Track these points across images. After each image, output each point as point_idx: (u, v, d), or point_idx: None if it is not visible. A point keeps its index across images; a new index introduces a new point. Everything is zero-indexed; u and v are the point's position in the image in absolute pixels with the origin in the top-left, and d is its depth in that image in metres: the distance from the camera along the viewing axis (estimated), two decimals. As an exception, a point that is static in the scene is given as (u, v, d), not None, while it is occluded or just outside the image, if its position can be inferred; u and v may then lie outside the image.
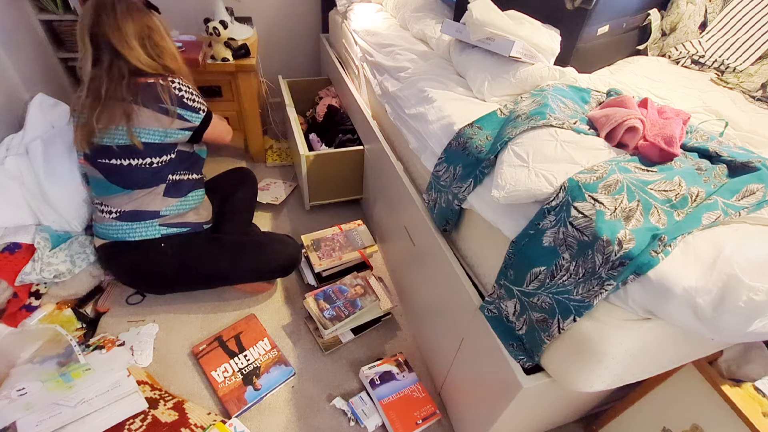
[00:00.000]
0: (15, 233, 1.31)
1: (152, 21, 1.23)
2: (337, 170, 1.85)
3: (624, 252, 0.64)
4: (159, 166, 1.28)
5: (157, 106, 1.21)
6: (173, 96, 1.23)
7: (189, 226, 1.38)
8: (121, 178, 1.26)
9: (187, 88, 1.29)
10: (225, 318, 1.47)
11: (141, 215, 1.29)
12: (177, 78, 1.27)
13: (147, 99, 1.19)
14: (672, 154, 0.79)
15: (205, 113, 1.33)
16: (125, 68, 1.17)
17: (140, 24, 1.19)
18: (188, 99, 1.27)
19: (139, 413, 1.11)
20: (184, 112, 1.26)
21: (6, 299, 1.30)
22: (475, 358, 1.03)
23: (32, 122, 1.46)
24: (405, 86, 1.34)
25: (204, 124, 1.34)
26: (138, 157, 1.24)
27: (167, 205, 1.32)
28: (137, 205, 1.29)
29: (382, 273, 1.70)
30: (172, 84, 1.23)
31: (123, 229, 1.29)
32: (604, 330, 0.70)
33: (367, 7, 2.02)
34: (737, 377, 0.87)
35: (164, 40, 1.26)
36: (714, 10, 1.51)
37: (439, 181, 1.10)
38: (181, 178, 1.35)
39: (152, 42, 1.22)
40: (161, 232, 1.32)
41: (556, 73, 1.12)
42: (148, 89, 1.20)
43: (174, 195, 1.34)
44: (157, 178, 1.29)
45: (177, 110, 1.24)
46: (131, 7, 1.19)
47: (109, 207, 1.29)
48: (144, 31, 1.20)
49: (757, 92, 1.25)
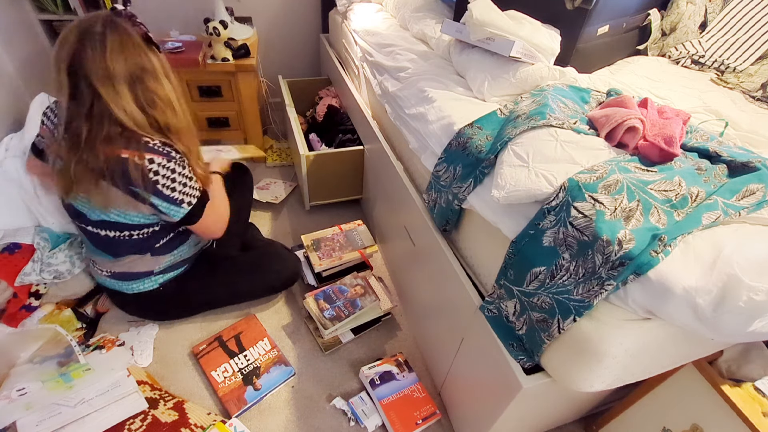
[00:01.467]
0: (15, 234, 1.31)
1: (149, 60, 0.97)
2: (337, 170, 1.85)
3: (624, 252, 0.64)
4: (140, 237, 1.13)
5: (127, 188, 0.99)
6: (147, 180, 0.98)
7: (186, 263, 1.32)
8: (101, 245, 1.14)
9: (169, 170, 1.00)
10: (225, 318, 1.47)
11: (134, 276, 1.23)
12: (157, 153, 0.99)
13: (116, 176, 0.97)
14: (672, 154, 0.79)
15: (191, 206, 1.08)
16: (107, 117, 0.94)
17: (134, 64, 0.94)
18: (165, 186, 1.00)
19: (139, 413, 1.11)
20: (159, 202, 1.02)
21: (6, 299, 1.30)
22: (475, 358, 1.03)
23: (32, 122, 1.46)
24: (405, 86, 1.34)
25: (190, 217, 1.10)
26: (115, 230, 1.09)
27: (159, 264, 1.23)
28: (127, 268, 1.21)
29: (382, 273, 1.70)
30: (148, 162, 0.97)
31: (118, 285, 1.25)
32: (604, 330, 0.70)
33: (367, 7, 2.02)
34: (737, 377, 0.87)
35: (160, 84, 0.99)
36: (714, 10, 1.52)
37: (439, 181, 1.10)
38: (168, 239, 1.20)
39: (144, 87, 0.96)
40: (159, 282, 1.27)
41: (556, 73, 1.12)
42: (118, 165, 0.96)
43: (165, 253, 1.22)
44: (141, 247, 1.16)
45: (150, 198, 1.01)
46: (126, 42, 0.93)
47: (98, 266, 1.23)
48: (136, 72, 0.95)
49: (757, 92, 1.25)
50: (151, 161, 0.98)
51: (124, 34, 0.94)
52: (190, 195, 1.08)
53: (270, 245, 1.61)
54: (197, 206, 1.11)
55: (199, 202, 1.12)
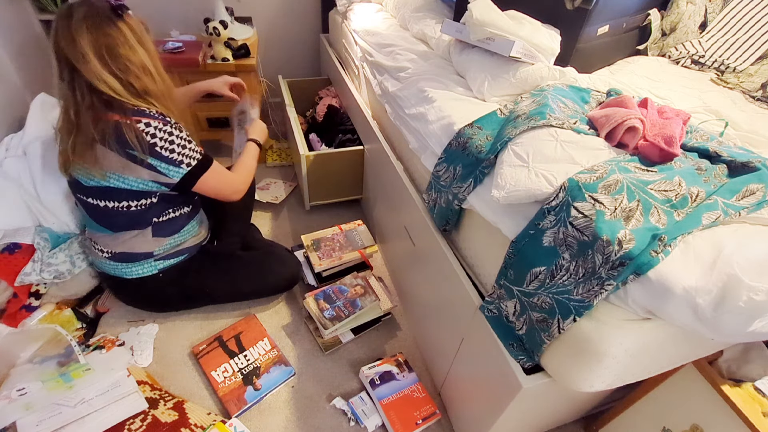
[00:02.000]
0: (15, 234, 1.31)
1: (116, 29, 1.01)
2: (337, 170, 1.85)
3: (624, 252, 0.64)
4: (138, 209, 1.14)
5: (124, 152, 1.03)
6: (142, 141, 1.03)
7: (187, 252, 1.33)
8: (101, 218, 1.16)
9: (165, 132, 1.06)
10: (225, 318, 1.47)
11: (133, 257, 1.23)
12: (151, 117, 1.05)
13: (112, 141, 1.02)
14: (672, 154, 0.79)
15: (191, 167, 1.12)
16: (85, 87, 1.01)
17: (98, 33, 0.99)
18: (163, 148, 1.05)
19: (139, 413, 1.11)
20: (157, 163, 1.06)
21: (6, 299, 1.30)
22: (475, 358, 1.03)
23: (32, 122, 1.46)
24: (405, 86, 1.34)
25: (191, 177, 1.13)
26: (113, 200, 1.11)
27: (160, 245, 1.24)
28: (127, 248, 1.21)
29: (382, 273, 1.70)
30: (141, 125, 1.03)
31: (118, 268, 1.25)
32: (604, 330, 0.70)
33: (367, 7, 2.02)
34: (737, 377, 0.87)
35: (132, 50, 1.03)
36: (714, 10, 1.51)
37: (439, 181, 1.10)
38: (169, 217, 1.22)
39: (113, 53, 1.01)
40: (158, 267, 1.27)
41: (556, 73, 1.12)
42: (113, 129, 1.02)
43: (166, 234, 1.23)
44: (140, 221, 1.17)
45: (148, 159, 1.05)
46: (89, 15, 0.99)
47: (99, 245, 1.23)
48: (102, 40, 0.99)
49: (757, 92, 1.25)
50: (147, 125, 1.04)
51: (88, 8, 1.00)
52: (190, 156, 1.12)
53: (271, 246, 1.61)
54: (197, 167, 1.14)
55: (200, 164, 1.15)
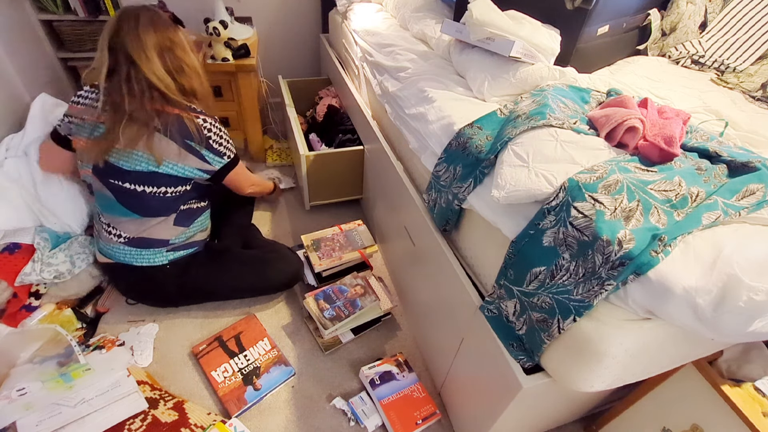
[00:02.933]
0: (15, 234, 1.31)
1: (176, 35, 1.16)
2: (337, 170, 1.85)
3: (624, 252, 0.64)
4: (173, 196, 1.24)
5: (182, 141, 1.16)
6: (201, 133, 1.17)
7: (195, 246, 1.38)
8: (133, 203, 1.21)
9: (218, 129, 1.22)
10: (225, 318, 1.47)
11: (150, 243, 1.27)
12: (206, 115, 1.20)
13: (174, 131, 1.14)
14: (672, 154, 0.79)
15: (229, 159, 1.28)
16: (144, 82, 1.10)
17: (162, 36, 1.12)
18: (215, 142, 1.21)
19: (139, 413, 1.11)
20: (207, 153, 1.21)
21: (6, 299, 1.30)
22: (475, 358, 1.03)
23: (33, 122, 1.46)
24: (405, 86, 1.34)
25: (226, 169, 1.30)
26: (153, 185, 1.19)
27: (177, 234, 1.30)
28: (148, 234, 1.26)
29: (382, 273, 1.70)
30: (200, 120, 1.18)
31: (130, 254, 1.28)
32: (604, 330, 0.70)
33: (367, 7, 2.02)
34: (737, 377, 0.87)
35: (187, 55, 1.19)
36: (714, 10, 1.51)
37: (439, 181, 1.10)
38: (191, 206, 1.32)
39: (173, 55, 1.15)
40: (168, 258, 1.31)
41: (556, 73, 1.12)
42: (176, 120, 1.14)
43: (184, 224, 1.31)
44: (170, 207, 1.26)
45: (202, 150, 1.19)
46: (155, 19, 1.13)
47: (117, 230, 1.26)
48: (165, 43, 1.13)
49: (757, 92, 1.25)
50: (204, 120, 1.19)
51: (154, 14, 1.14)
52: (230, 149, 1.28)
53: (272, 245, 1.62)
54: (234, 160, 1.32)
55: (236, 157, 1.33)
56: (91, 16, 1.96)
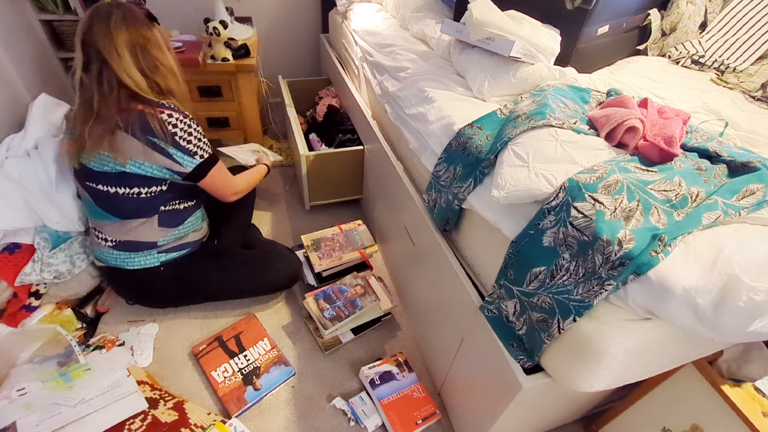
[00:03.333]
0: (15, 234, 1.31)
1: (151, 32, 1.11)
2: (337, 170, 1.85)
3: (624, 252, 0.64)
4: (148, 197, 1.19)
5: (144, 138, 1.09)
6: (165, 129, 1.10)
7: (188, 247, 1.35)
8: (109, 205, 1.19)
9: (186, 125, 1.14)
10: (225, 318, 1.47)
11: (137, 246, 1.25)
12: (173, 110, 1.13)
13: (135, 127, 1.08)
14: (672, 154, 0.79)
15: (203, 159, 1.20)
16: (114, 80, 1.07)
17: (135, 33, 1.08)
18: (182, 139, 1.13)
19: (139, 413, 1.11)
20: (174, 151, 1.13)
21: (6, 299, 1.30)
22: (475, 358, 1.03)
23: (34, 122, 1.46)
24: (405, 86, 1.34)
25: (200, 170, 1.21)
26: (124, 186, 1.15)
27: (165, 236, 1.27)
28: (133, 236, 1.23)
29: (382, 273, 1.70)
30: (165, 116, 1.10)
31: (121, 258, 1.26)
32: (604, 330, 0.70)
33: (367, 7, 2.02)
34: (737, 377, 0.87)
35: (162, 53, 1.14)
36: (714, 10, 1.51)
37: (439, 181, 1.10)
38: (175, 207, 1.27)
39: (146, 53, 1.10)
40: (160, 260, 1.29)
41: (556, 73, 1.12)
42: (137, 117, 1.08)
43: (171, 225, 1.27)
44: (148, 208, 1.21)
45: (168, 148, 1.12)
46: (128, 16, 1.08)
47: (103, 234, 1.24)
48: (138, 40, 1.08)
49: (757, 92, 1.25)
50: (170, 115, 1.12)
51: (127, 11, 1.09)
52: (203, 150, 1.20)
53: (272, 245, 1.61)
54: (208, 161, 1.22)
55: (211, 159, 1.24)
56: (91, 16, 1.96)
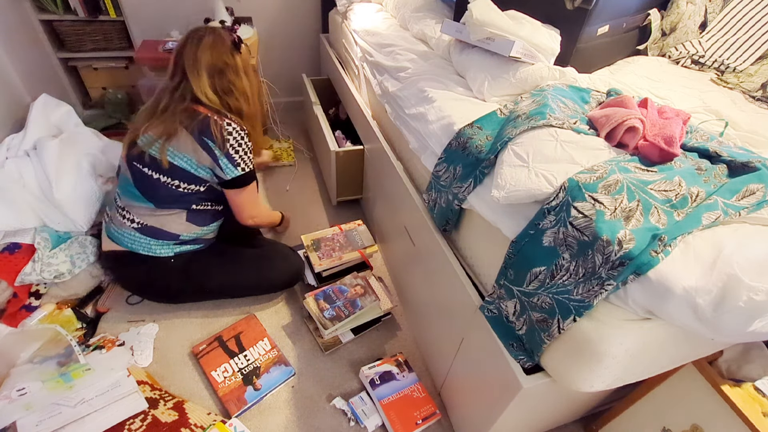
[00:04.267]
0: (15, 234, 1.31)
1: (232, 59, 1.24)
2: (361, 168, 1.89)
3: (624, 252, 0.64)
4: (185, 192, 1.26)
5: (200, 138, 1.19)
6: (222, 136, 1.20)
7: (201, 243, 1.39)
8: (147, 188, 1.25)
9: (240, 136, 1.24)
10: (225, 318, 1.47)
11: (161, 234, 1.29)
12: (233, 121, 1.23)
13: (194, 127, 1.18)
14: (672, 154, 0.79)
15: (243, 172, 1.28)
16: (189, 94, 1.20)
17: (218, 59, 1.21)
18: (232, 147, 1.23)
19: (139, 413, 1.11)
20: (221, 157, 1.22)
21: (6, 299, 1.30)
22: (475, 358, 1.03)
23: (34, 122, 1.46)
24: (405, 86, 1.34)
25: (237, 182, 1.28)
26: (167, 176, 1.23)
27: (189, 231, 1.32)
28: (159, 223, 1.28)
29: (382, 273, 1.70)
30: (227, 124, 1.21)
31: (138, 241, 1.29)
32: (604, 330, 0.70)
33: (367, 7, 2.02)
34: (737, 377, 0.87)
35: (239, 78, 1.26)
36: (714, 10, 1.51)
37: (439, 181, 1.10)
38: (205, 208, 1.34)
39: (224, 77, 1.23)
40: (174, 251, 1.33)
41: (556, 73, 1.12)
42: (201, 119, 1.19)
43: (197, 223, 1.33)
44: (181, 201, 1.28)
45: (216, 151, 1.21)
46: (216, 42, 1.22)
47: (131, 215, 1.28)
48: (218, 65, 1.21)
49: (757, 92, 1.25)
50: (228, 124, 1.22)
51: (217, 38, 1.23)
52: (246, 163, 1.29)
53: (273, 244, 1.62)
54: (247, 175, 1.30)
55: (250, 174, 1.32)
56: (91, 16, 1.96)
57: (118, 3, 1.97)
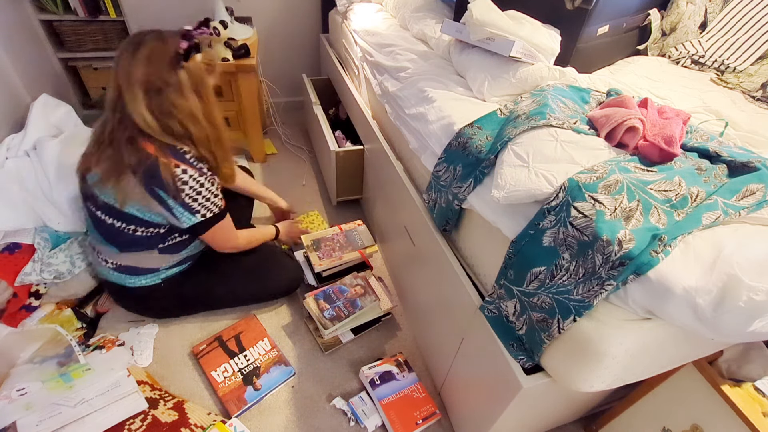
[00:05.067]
0: (15, 234, 1.31)
1: (174, 76, 1.02)
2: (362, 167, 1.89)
3: (624, 252, 0.64)
4: (145, 235, 1.15)
5: (149, 188, 1.04)
6: (174, 185, 1.04)
7: (189, 261, 1.33)
8: (104, 232, 1.15)
9: (197, 183, 1.08)
10: (225, 318, 1.47)
11: (139, 270, 1.23)
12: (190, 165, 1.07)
13: (142, 173, 1.03)
14: (672, 154, 0.79)
15: (203, 218, 1.14)
16: (127, 117, 1.02)
17: (154, 74, 1.00)
18: (188, 196, 1.08)
19: (139, 413, 1.11)
20: (174, 206, 1.08)
21: (6, 299, 1.30)
22: (475, 358, 1.03)
23: (34, 122, 1.46)
24: (405, 86, 1.34)
25: (197, 227, 1.15)
26: (122, 221, 1.11)
27: (168, 262, 1.25)
28: (134, 262, 1.21)
29: (382, 273, 1.70)
30: (179, 171, 1.04)
31: (122, 278, 1.25)
32: (604, 330, 0.70)
33: (367, 7, 2.02)
34: (737, 377, 0.87)
35: (183, 97, 1.04)
36: (714, 10, 1.51)
37: (439, 181, 1.10)
38: (176, 241, 1.23)
39: (163, 97, 1.02)
40: (161, 278, 1.28)
41: (556, 73, 1.12)
42: (149, 164, 1.03)
43: (173, 252, 1.24)
44: (144, 244, 1.18)
45: (169, 201, 1.07)
46: (155, 53, 1.00)
47: (103, 256, 1.22)
48: (155, 82, 1.00)
49: (757, 92, 1.25)
50: (184, 171, 1.06)
51: (156, 48, 1.01)
52: (208, 209, 1.14)
53: (273, 251, 1.55)
54: (210, 220, 1.16)
55: (214, 217, 1.17)
56: (91, 16, 1.96)
57: (118, 3, 1.97)
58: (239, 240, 1.34)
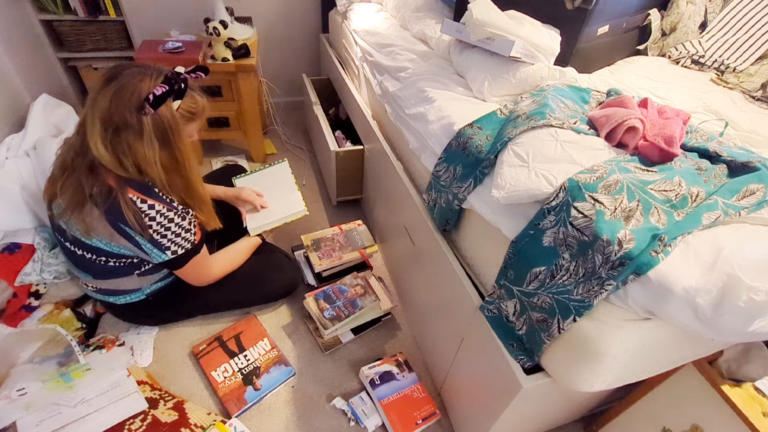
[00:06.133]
0: (15, 234, 1.31)
1: (135, 120, 0.94)
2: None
3: (624, 252, 0.64)
4: (118, 265, 1.11)
5: (114, 223, 0.99)
6: (139, 222, 0.99)
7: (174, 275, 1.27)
8: (76, 262, 1.12)
9: (166, 219, 1.02)
10: (225, 318, 1.47)
11: (121, 292, 1.21)
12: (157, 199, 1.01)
13: (107, 209, 0.97)
14: (672, 154, 0.79)
15: (175, 255, 1.08)
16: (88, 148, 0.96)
17: (116, 112, 0.93)
18: (157, 233, 1.02)
19: (139, 413, 1.11)
20: (144, 242, 1.03)
21: (6, 299, 1.30)
22: (475, 358, 1.03)
23: (34, 122, 1.46)
24: (405, 86, 1.34)
25: (168, 263, 1.10)
26: (91, 253, 1.07)
27: (148, 282, 1.22)
28: (114, 285, 1.17)
29: (382, 273, 1.70)
30: (145, 207, 0.99)
31: (106, 297, 1.23)
32: (604, 330, 0.70)
33: (367, 7, 2.02)
34: (737, 377, 0.87)
35: (141, 144, 0.95)
36: (714, 10, 1.51)
37: (439, 181, 1.10)
38: (153, 265, 1.16)
39: (119, 136, 0.94)
40: (146, 293, 1.25)
41: (556, 73, 1.12)
42: (111, 200, 0.97)
43: (153, 273, 1.20)
44: (119, 273, 1.14)
45: (136, 237, 1.02)
46: (124, 90, 0.92)
47: (83, 280, 1.19)
48: (115, 120, 0.93)
49: (757, 92, 1.25)
50: (150, 207, 1.00)
51: (129, 86, 0.93)
52: (180, 245, 1.09)
53: (271, 252, 1.52)
54: (183, 256, 1.11)
55: (187, 254, 1.11)
56: (91, 16, 1.96)
57: (118, 3, 1.97)
58: (215, 271, 1.27)
